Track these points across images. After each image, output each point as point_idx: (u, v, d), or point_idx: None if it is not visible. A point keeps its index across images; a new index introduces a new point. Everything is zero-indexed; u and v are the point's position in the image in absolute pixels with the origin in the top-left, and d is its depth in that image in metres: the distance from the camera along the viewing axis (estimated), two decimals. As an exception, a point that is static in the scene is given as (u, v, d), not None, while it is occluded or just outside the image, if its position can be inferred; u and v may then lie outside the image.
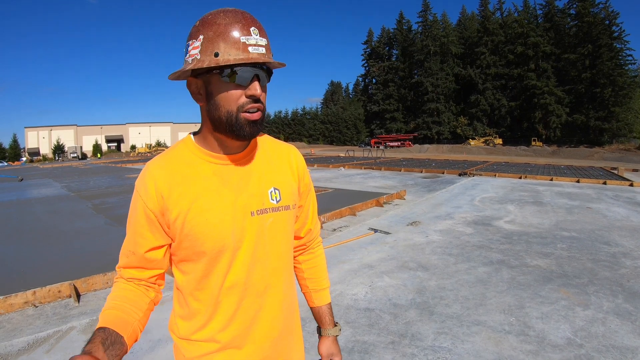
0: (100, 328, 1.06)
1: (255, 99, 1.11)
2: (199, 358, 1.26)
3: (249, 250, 1.22)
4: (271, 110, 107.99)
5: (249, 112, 1.12)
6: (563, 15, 65.98)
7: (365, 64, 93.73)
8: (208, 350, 1.25)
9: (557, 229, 7.63)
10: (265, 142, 1.36)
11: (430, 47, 75.44)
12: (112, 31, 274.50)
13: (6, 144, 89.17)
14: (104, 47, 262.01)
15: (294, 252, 1.51)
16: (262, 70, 1.11)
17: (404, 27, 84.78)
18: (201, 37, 1.09)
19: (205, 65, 1.07)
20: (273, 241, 1.26)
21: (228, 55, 1.06)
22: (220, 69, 1.08)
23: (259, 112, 1.14)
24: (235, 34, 1.07)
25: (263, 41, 1.09)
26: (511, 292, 4.64)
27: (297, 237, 1.49)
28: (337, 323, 1.57)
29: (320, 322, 1.55)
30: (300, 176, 1.38)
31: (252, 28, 1.08)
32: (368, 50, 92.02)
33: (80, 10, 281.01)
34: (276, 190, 1.27)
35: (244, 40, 1.07)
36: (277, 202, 1.27)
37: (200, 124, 1.29)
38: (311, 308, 1.58)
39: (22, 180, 24.41)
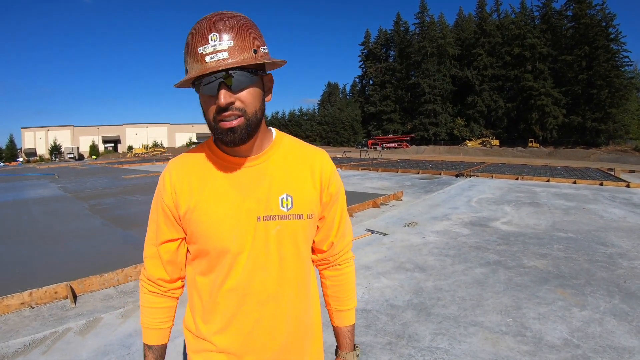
0: (148, 346, 1.34)
1: (222, 108, 1.06)
2: (198, 353, 1.29)
3: (250, 256, 1.20)
4: (268, 112, 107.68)
5: (224, 121, 1.08)
6: (560, 17, 66.06)
7: (363, 65, 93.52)
8: (206, 348, 1.26)
9: (553, 230, 7.65)
10: (288, 146, 1.31)
11: (427, 48, 75.38)
12: (108, 31, 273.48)
13: (3, 145, 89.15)
14: (100, 47, 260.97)
15: (319, 265, 1.47)
16: (231, 76, 1.04)
17: (401, 29, 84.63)
18: (184, 52, 1.11)
19: (180, 83, 1.11)
20: (280, 250, 1.22)
21: (192, 70, 1.07)
22: (193, 82, 1.10)
23: (239, 119, 1.08)
24: (195, 46, 1.06)
25: (223, 45, 1.04)
26: (508, 292, 4.65)
27: (319, 251, 1.42)
28: (357, 346, 1.48)
29: (339, 342, 1.48)
30: (323, 185, 1.30)
31: (212, 34, 1.04)
32: (365, 51, 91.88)
33: (75, 10, 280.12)
34: (288, 197, 1.22)
35: (201, 51, 1.04)
36: (288, 209, 1.22)
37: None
38: (332, 326, 1.49)
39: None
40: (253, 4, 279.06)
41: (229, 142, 1.11)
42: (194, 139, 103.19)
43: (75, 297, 4.80)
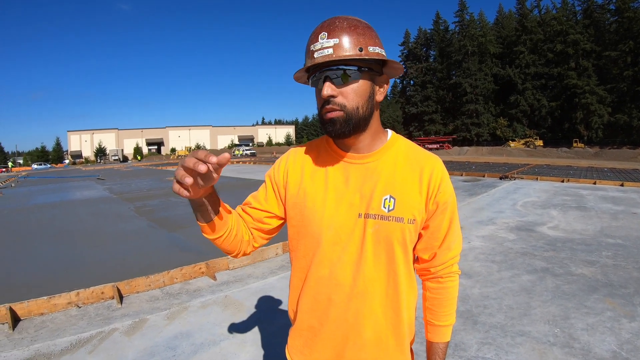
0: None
1: (325, 100, 1.17)
2: (294, 332, 1.41)
3: (346, 249, 1.24)
4: (309, 114, 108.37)
5: (327, 112, 1.18)
6: (602, 11, 63.51)
7: (403, 66, 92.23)
8: (297, 327, 1.39)
9: (601, 236, 7.38)
10: (401, 148, 1.33)
11: (467, 47, 74.00)
12: (149, 36, 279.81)
13: (50, 147, 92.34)
14: (143, 52, 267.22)
15: (421, 275, 1.45)
16: (335, 70, 1.14)
17: (440, 28, 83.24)
18: None
19: (296, 76, 1.29)
20: (375, 249, 1.23)
21: (305, 65, 1.20)
22: (308, 77, 1.23)
23: (337, 112, 1.17)
24: (309, 44, 1.18)
25: (330, 42, 1.12)
26: (556, 301, 4.50)
27: (421, 260, 1.40)
28: None
29: (428, 358, 1.47)
30: (430, 192, 1.26)
31: (322, 34, 1.14)
32: (405, 51, 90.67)
33: (115, 16, 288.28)
34: (392, 199, 1.23)
35: (312, 48, 1.15)
36: (389, 210, 1.22)
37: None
38: (426, 340, 1.48)
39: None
40: (290, 6, 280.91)
41: (331, 132, 1.20)
42: (236, 141, 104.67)
43: (121, 297, 4.91)
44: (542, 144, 61.83)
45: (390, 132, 1.36)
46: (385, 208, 1.22)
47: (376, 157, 1.28)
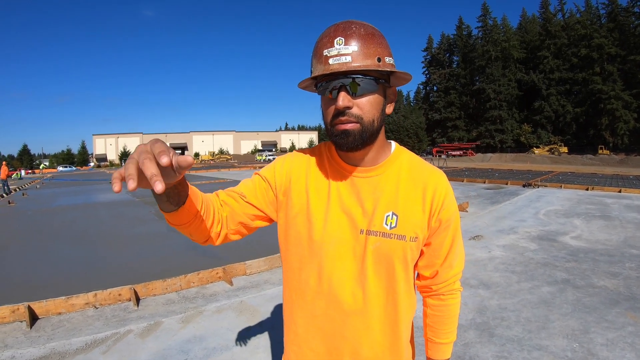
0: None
1: (339, 111, 1.08)
2: (289, 346, 1.35)
3: (346, 266, 1.19)
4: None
5: (340, 124, 1.10)
6: (627, 14, 62.26)
7: (426, 72, 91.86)
8: (293, 341, 1.32)
9: (625, 246, 7.20)
10: (404, 163, 1.27)
11: (491, 52, 73.43)
12: (175, 42, 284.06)
13: (75, 150, 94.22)
14: (168, 58, 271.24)
15: (422, 292, 1.41)
16: (352, 80, 1.06)
17: (463, 33, 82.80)
18: (311, 55, 1.15)
19: (303, 83, 1.18)
20: (375, 266, 1.18)
21: (315, 71, 1.10)
22: (316, 85, 1.14)
23: (353, 123, 1.09)
24: (321, 48, 1.08)
25: (347, 49, 1.05)
26: (576, 315, 4.37)
27: (422, 277, 1.36)
28: None
29: None
30: (434, 209, 1.22)
31: (338, 39, 1.06)
32: (428, 57, 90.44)
33: (139, 22, 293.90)
34: (394, 216, 1.18)
35: (326, 54, 1.07)
36: (391, 228, 1.18)
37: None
38: (426, 357, 1.44)
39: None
40: (312, 11, 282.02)
41: (342, 145, 1.12)
42: (259, 147, 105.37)
43: (138, 300, 4.94)
44: (566, 151, 61.05)
45: (393, 144, 1.31)
46: (387, 225, 1.17)
47: (380, 171, 1.23)
